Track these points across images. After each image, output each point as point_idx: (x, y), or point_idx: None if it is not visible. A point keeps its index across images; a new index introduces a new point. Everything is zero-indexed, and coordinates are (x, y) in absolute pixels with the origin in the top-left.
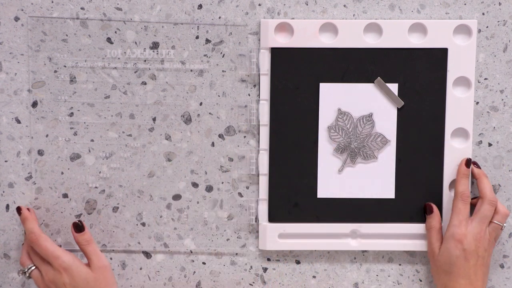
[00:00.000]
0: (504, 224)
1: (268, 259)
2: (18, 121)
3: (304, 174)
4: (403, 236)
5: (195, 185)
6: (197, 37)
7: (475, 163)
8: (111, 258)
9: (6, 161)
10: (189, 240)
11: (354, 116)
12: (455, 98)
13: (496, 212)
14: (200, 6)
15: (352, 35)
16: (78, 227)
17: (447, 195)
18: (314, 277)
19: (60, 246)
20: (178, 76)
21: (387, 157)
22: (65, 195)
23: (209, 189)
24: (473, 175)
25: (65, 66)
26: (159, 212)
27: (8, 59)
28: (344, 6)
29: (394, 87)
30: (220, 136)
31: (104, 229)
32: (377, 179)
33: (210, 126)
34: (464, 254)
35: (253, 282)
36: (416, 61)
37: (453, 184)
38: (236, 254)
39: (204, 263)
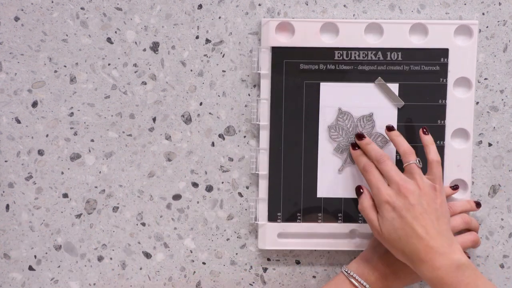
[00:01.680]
0: (418, 159)
1: (268, 259)
2: (18, 121)
3: (304, 174)
4: None
5: (195, 185)
6: (197, 37)
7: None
8: (111, 258)
9: (6, 161)
10: (189, 240)
11: (354, 116)
12: (456, 98)
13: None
14: (200, 6)
15: (353, 35)
16: None
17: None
18: (314, 277)
19: (60, 246)
20: (178, 76)
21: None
22: (65, 195)
23: (209, 189)
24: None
25: (65, 66)
26: (159, 212)
27: (8, 59)
28: (344, 6)
29: (394, 87)
30: (220, 136)
31: (104, 229)
32: None
33: (210, 126)
34: (397, 214)
35: (253, 282)
36: (417, 62)
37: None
38: (236, 254)
39: (204, 263)
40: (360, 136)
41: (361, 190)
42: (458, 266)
